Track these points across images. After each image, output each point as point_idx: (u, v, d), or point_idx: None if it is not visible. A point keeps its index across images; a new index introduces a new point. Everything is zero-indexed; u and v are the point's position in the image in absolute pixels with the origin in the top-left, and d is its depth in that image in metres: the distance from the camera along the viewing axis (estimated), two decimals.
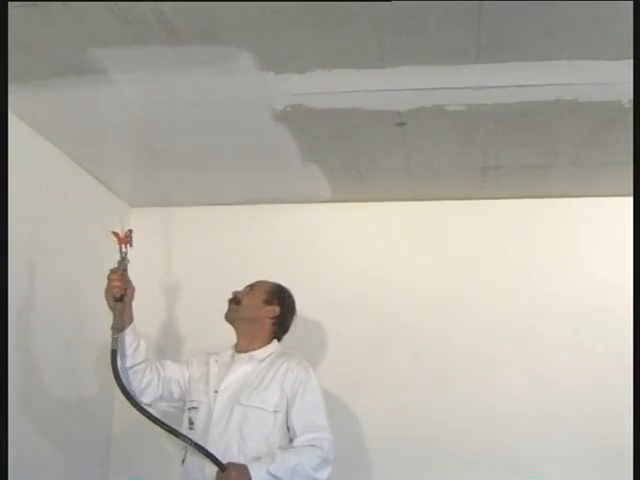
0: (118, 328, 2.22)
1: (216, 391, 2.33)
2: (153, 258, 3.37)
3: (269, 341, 2.45)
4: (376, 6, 1.78)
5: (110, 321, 2.22)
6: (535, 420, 3.02)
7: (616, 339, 2.98)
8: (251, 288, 2.50)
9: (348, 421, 3.08)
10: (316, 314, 3.21)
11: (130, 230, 2.25)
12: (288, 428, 2.28)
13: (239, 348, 2.43)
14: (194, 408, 2.35)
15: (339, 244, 3.32)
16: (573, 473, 2.94)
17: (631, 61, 1.97)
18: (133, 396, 2.23)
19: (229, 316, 2.45)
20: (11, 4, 1.78)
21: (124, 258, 2.23)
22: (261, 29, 1.90)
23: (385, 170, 2.94)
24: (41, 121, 2.52)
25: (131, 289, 2.27)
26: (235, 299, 2.46)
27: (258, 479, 2.12)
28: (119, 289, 2.22)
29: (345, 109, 2.36)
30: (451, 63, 2.07)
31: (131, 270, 2.18)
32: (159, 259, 3.35)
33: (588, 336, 3.07)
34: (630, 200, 2.59)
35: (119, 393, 2.25)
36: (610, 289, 3.08)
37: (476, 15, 1.82)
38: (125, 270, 2.24)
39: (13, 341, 2.32)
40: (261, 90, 2.25)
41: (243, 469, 2.12)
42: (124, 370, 2.24)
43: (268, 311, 2.45)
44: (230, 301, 2.47)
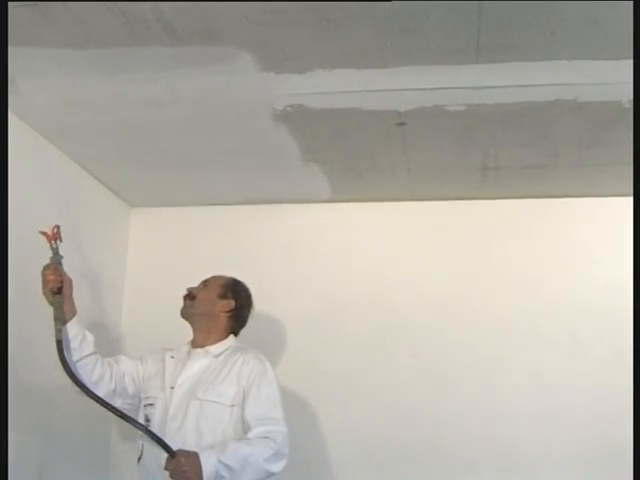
0: (60, 320, 2.22)
1: (172, 387, 2.32)
2: (153, 258, 3.38)
3: (225, 336, 2.44)
4: (376, 6, 1.78)
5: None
6: (535, 420, 3.02)
7: (616, 339, 2.98)
8: (205, 284, 2.49)
9: (348, 420, 3.09)
10: (316, 314, 3.22)
11: (57, 226, 2.28)
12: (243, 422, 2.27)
13: (195, 343, 2.42)
14: (150, 405, 2.33)
15: (339, 244, 3.32)
16: (573, 473, 2.94)
17: (631, 61, 1.97)
18: (83, 383, 2.21)
19: (184, 312, 2.45)
20: (11, 4, 1.78)
21: (56, 253, 2.27)
22: (261, 29, 1.89)
23: (385, 170, 2.94)
24: (41, 121, 2.52)
25: (67, 281, 2.27)
26: (190, 295, 2.46)
27: (208, 467, 2.09)
28: (54, 282, 2.23)
29: (345, 109, 2.36)
30: (451, 63, 2.07)
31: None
32: (159, 259, 3.36)
33: (588, 336, 3.07)
34: (630, 200, 2.59)
35: None
36: (610, 289, 3.08)
37: (476, 15, 1.82)
38: (59, 264, 2.27)
39: (12, 342, 2.32)
40: (261, 90, 2.25)
41: (193, 456, 2.11)
42: (72, 364, 2.22)
43: (223, 305, 2.44)
44: (185, 297, 2.46)
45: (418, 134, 2.56)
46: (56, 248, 2.28)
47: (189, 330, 3.16)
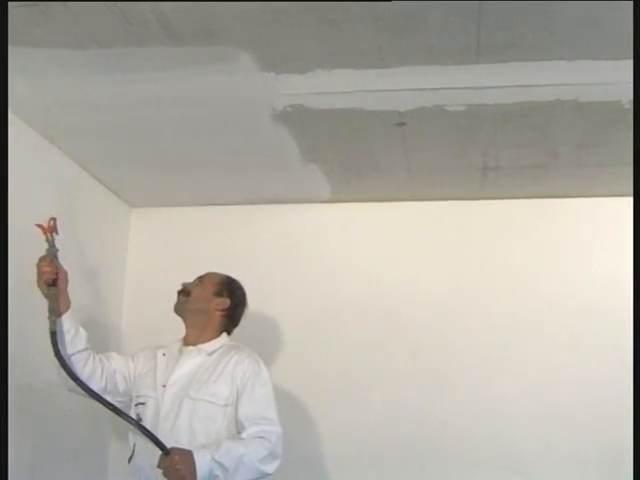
0: (55, 312, 2.19)
1: (164, 385, 2.28)
2: (153, 258, 3.37)
3: (218, 334, 2.40)
4: (376, 6, 1.78)
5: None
6: (535, 420, 3.02)
7: (616, 339, 2.98)
8: (200, 280, 2.45)
9: (347, 420, 3.09)
10: (316, 314, 3.22)
11: (53, 218, 2.26)
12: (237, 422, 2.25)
13: (187, 341, 2.39)
14: (141, 404, 2.29)
15: (339, 244, 3.32)
16: (573, 473, 2.94)
17: (631, 61, 1.97)
18: (77, 376, 2.18)
19: (178, 308, 2.41)
20: (11, 4, 1.78)
21: (52, 246, 2.25)
22: (261, 29, 1.90)
23: (385, 170, 2.94)
24: (41, 121, 2.52)
25: (63, 274, 2.25)
26: (184, 290, 2.42)
27: (202, 465, 2.07)
28: (49, 274, 2.21)
29: (345, 109, 2.36)
30: (451, 63, 2.07)
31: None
32: (159, 259, 3.36)
33: (588, 336, 3.07)
34: (630, 200, 2.59)
35: None
36: (610, 289, 3.08)
37: (476, 15, 1.82)
38: (55, 257, 2.25)
39: (12, 343, 2.32)
40: (261, 90, 2.25)
41: (187, 454, 2.08)
42: (67, 357, 2.20)
43: (218, 303, 2.40)
44: (179, 293, 2.42)
45: (418, 134, 2.56)
46: (52, 240, 2.26)
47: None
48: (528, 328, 3.11)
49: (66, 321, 2.23)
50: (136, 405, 2.32)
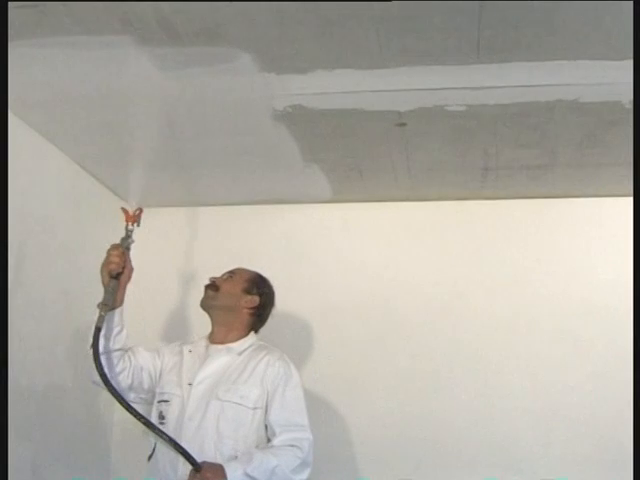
0: (108, 305, 2.12)
1: (190, 384, 2.20)
2: (153, 258, 3.37)
3: (246, 333, 2.33)
4: (376, 6, 1.78)
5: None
6: (535, 420, 3.02)
7: (616, 339, 2.98)
8: (231, 275, 2.37)
9: (347, 421, 3.09)
10: (316, 314, 3.22)
11: (140, 209, 2.19)
12: (266, 426, 2.17)
13: (214, 339, 2.31)
14: (165, 401, 2.22)
15: (339, 244, 3.32)
16: (573, 473, 2.93)
17: (631, 61, 1.97)
18: (108, 380, 2.08)
19: (205, 303, 2.33)
20: (11, 4, 1.78)
21: (129, 236, 2.18)
22: (261, 29, 1.89)
23: (385, 170, 2.94)
24: (41, 121, 2.52)
25: (129, 269, 2.18)
26: (213, 285, 2.34)
27: None
28: (116, 265, 2.14)
29: (345, 109, 2.36)
30: (451, 63, 2.07)
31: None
32: (159, 259, 3.35)
33: (588, 335, 3.07)
34: (630, 200, 2.59)
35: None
36: (610, 289, 3.08)
37: (476, 15, 1.82)
38: (128, 249, 2.17)
39: (14, 344, 2.32)
40: (262, 90, 2.25)
41: (219, 469, 2.01)
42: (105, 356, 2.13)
43: (247, 301, 2.33)
44: (207, 287, 2.34)
45: (418, 134, 2.56)
46: (130, 231, 2.17)
47: (190, 330, 3.17)
48: (528, 328, 3.11)
49: (116, 316, 2.17)
50: (159, 402, 2.25)
